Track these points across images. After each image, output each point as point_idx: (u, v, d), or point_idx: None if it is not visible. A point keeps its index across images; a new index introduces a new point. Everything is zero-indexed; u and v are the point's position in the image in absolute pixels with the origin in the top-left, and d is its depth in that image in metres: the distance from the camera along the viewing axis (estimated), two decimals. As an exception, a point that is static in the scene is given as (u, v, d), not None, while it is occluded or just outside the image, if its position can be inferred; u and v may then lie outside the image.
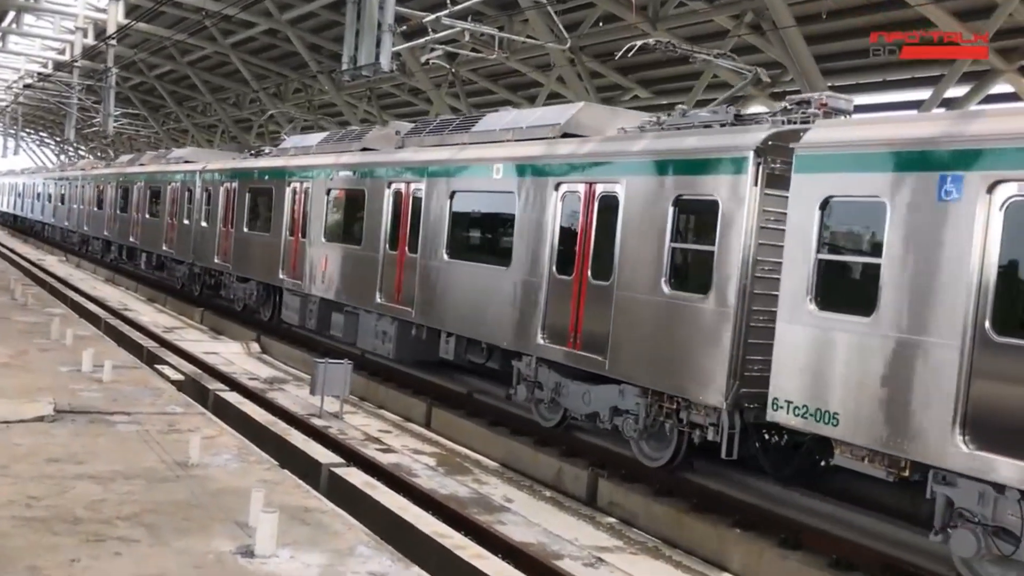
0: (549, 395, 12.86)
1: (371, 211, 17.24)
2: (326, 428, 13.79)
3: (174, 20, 34.73)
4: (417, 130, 17.45)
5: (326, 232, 19.09)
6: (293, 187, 20.70)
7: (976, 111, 12.77)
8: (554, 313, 12.54)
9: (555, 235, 12.67)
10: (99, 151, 67.48)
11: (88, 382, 10.99)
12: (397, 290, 16.25)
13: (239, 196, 23.85)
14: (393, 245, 16.55)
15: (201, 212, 26.49)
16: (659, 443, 11.49)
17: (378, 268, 16.75)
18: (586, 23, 22.91)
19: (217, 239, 25.10)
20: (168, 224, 29.74)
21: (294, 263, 20.36)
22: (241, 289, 24.23)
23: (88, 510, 6.57)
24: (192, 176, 27.71)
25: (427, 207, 15.49)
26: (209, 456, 8.19)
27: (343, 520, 7.05)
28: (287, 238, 20.75)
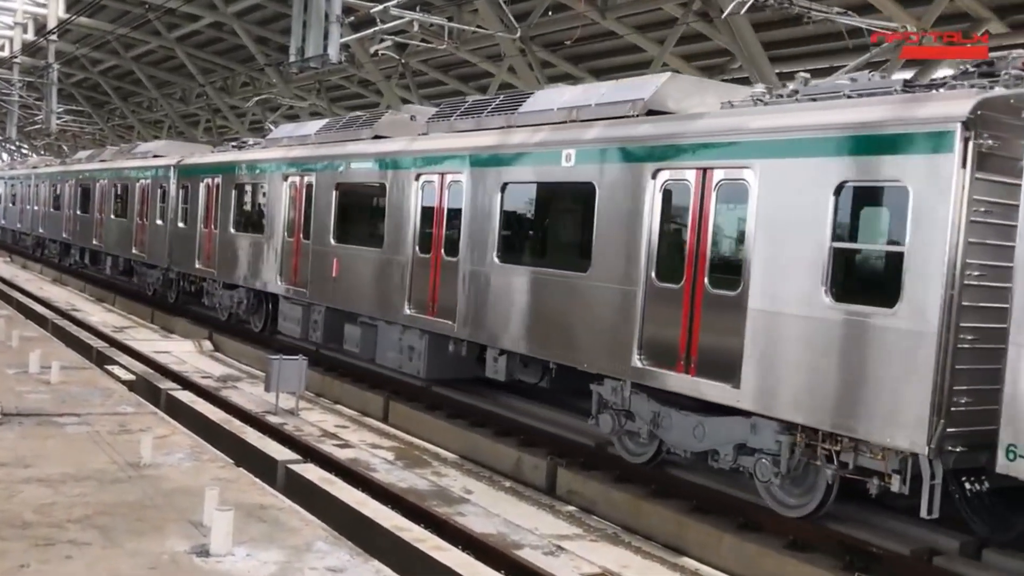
0: (644, 427, 10.81)
1: (394, 208, 14.97)
2: (282, 425, 13.66)
3: (117, 14, 34.08)
4: (444, 113, 15.16)
5: (336, 233, 16.76)
6: (292, 182, 18.35)
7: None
8: (655, 330, 10.29)
9: (652, 233, 10.41)
10: (43, 149, 66.07)
11: (35, 384, 10.76)
12: (432, 300, 14.04)
13: (224, 193, 21.35)
14: (425, 248, 14.30)
15: (178, 212, 24.05)
16: (800, 488, 9.36)
17: (405, 275, 14.56)
18: (535, 12, 22.87)
19: (198, 242, 22.64)
20: (138, 225, 27.10)
21: (295, 268, 18.06)
22: (227, 297, 21.64)
23: (37, 514, 6.42)
24: (166, 171, 25.07)
25: (471, 202, 13.24)
26: (162, 456, 8.05)
27: (300, 516, 6.97)
28: (285, 240, 18.45)
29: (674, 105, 11.21)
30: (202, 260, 22.51)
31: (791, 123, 9.22)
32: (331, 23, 14.77)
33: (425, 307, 14.21)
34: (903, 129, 8.30)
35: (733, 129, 9.74)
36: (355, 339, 16.21)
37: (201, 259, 22.55)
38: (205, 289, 22.99)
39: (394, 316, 14.96)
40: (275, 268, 18.73)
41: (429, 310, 14.11)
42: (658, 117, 10.99)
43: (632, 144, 10.81)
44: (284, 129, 21.28)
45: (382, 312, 15.31)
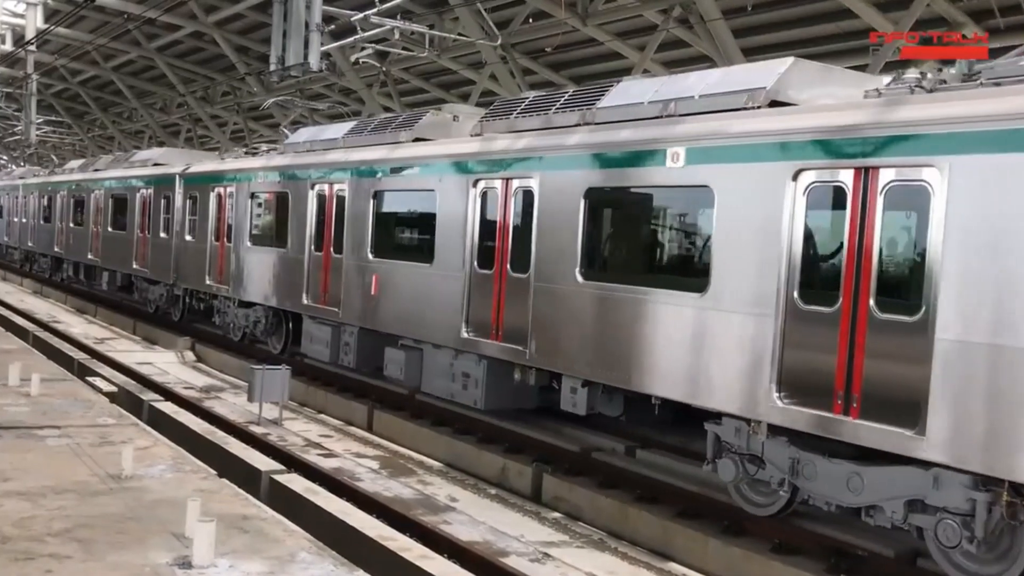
0: (778, 475, 9.06)
1: (447, 218, 13.36)
2: (265, 435, 13.59)
3: (96, 24, 33.88)
4: (501, 111, 13.50)
5: (375, 246, 15.21)
6: (319, 191, 16.77)
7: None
8: (800, 363, 8.58)
9: (795, 245, 8.69)
10: (23, 160, 65.62)
11: (15, 396, 10.64)
12: (496, 322, 12.47)
13: (239, 203, 19.74)
14: (486, 262, 12.73)
15: (184, 224, 22.45)
16: (993, 554, 7.76)
17: (461, 293, 13.01)
18: (516, 20, 22.92)
19: (209, 256, 20.99)
20: (139, 238, 25.38)
21: (324, 285, 16.42)
22: (242, 316, 20.11)
23: (16, 528, 6.34)
24: (170, 180, 23.41)
25: (545, 210, 11.63)
26: (143, 467, 7.98)
27: (283, 527, 6.92)
28: (312, 254, 16.83)
29: (797, 95, 9.62)
30: (213, 276, 20.85)
31: (1010, 110, 7.32)
32: (311, 32, 14.79)
33: (487, 330, 12.61)
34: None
35: (920, 120, 7.95)
36: (398, 364, 14.48)
37: (212, 275, 20.91)
38: (216, 307, 21.46)
39: (446, 339, 13.37)
40: (300, 285, 17.11)
41: (492, 333, 12.49)
42: (791, 108, 9.42)
43: (765, 140, 9.07)
44: (304, 133, 19.55)
45: (431, 335, 13.70)
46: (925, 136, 7.87)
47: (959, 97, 8.00)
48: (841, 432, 8.26)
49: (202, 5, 29.53)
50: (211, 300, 21.85)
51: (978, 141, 7.50)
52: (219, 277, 20.57)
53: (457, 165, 13.38)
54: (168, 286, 24.02)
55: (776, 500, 9.26)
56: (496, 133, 13.20)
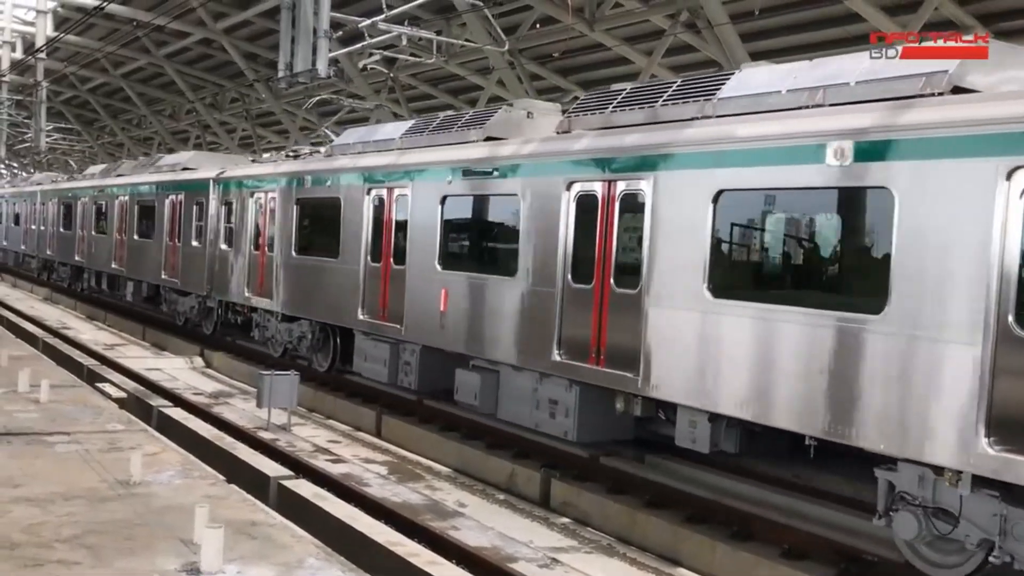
0: (977, 535, 7.63)
1: (535, 225, 11.91)
2: (274, 441, 13.60)
3: (106, 32, 34.05)
4: (590, 106, 11.96)
5: (445, 258, 13.78)
6: (377, 195, 15.30)
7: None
8: (1018, 400, 7.14)
9: (1009, 258, 7.26)
10: (32, 167, 65.91)
11: (25, 403, 10.69)
12: (597, 345, 10.90)
13: (282, 210, 18.36)
14: (583, 276, 11.15)
15: (220, 232, 21.08)
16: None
17: (552, 311, 11.44)
18: (524, 26, 22.96)
19: (248, 267, 19.57)
20: (168, 247, 23.99)
21: (384, 299, 14.98)
22: (285, 331, 18.72)
23: (26, 534, 6.36)
24: (204, 186, 21.93)
25: (659, 217, 10.13)
26: (152, 473, 8.01)
27: (291, 532, 6.93)
28: (369, 266, 15.40)
29: (983, 80, 8.34)
30: (253, 288, 19.40)
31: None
32: (319, 38, 14.78)
33: (584, 352, 11.08)
34: None
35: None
36: (471, 388, 13.07)
37: (252, 287, 19.46)
38: (255, 321, 19.99)
39: (531, 362, 11.97)
40: (354, 299, 15.65)
41: (591, 357, 11.00)
42: (985, 95, 8.10)
43: (969, 133, 7.58)
44: (353, 134, 18.00)
45: (512, 356, 12.29)
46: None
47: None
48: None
49: (211, 12, 29.64)
50: (249, 313, 20.43)
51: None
52: (259, 289, 19.13)
53: (546, 166, 11.88)
54: (201, 298, 22.66)
55: (968, 560, 7.89)
56: (587, 130, 11.70)
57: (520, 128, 13.75)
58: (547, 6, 21.50)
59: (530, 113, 13.99)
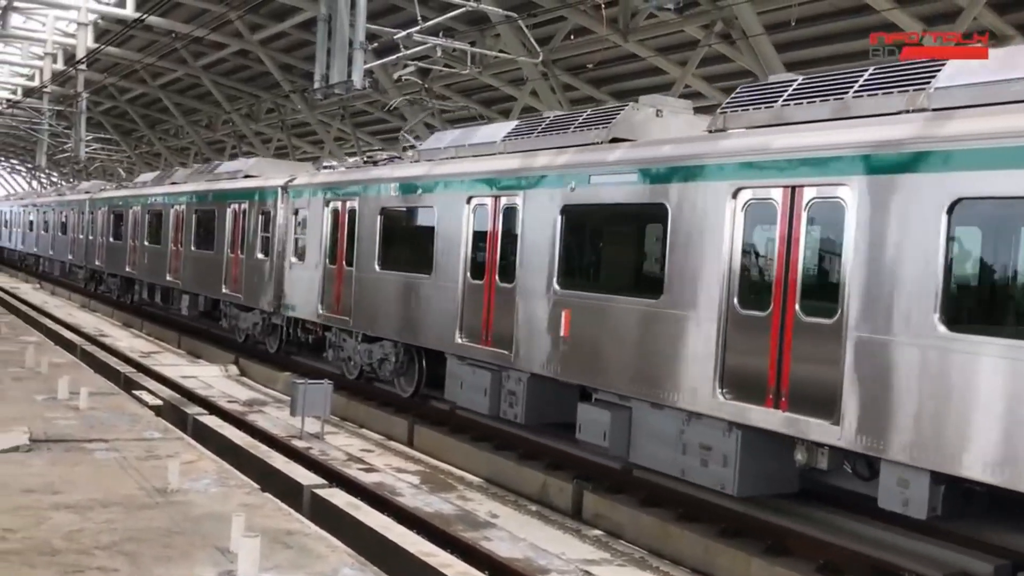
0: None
1: (684, 238, 10.31)
2: (307, 449, 13.67)
3: (144, 43, 34.58)
4: (751, 100, 10.42)
5: (567, 275, 12.20)
6: (478, 204, 13.85)
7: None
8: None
9: None
10: (71, 176, 66.93)
11: (64, 410, 10.83)
12: (776, 384, 9.18)
13: (364, 221, 16.80)
14: (756, 301, 9.54)
15: (289, 243, 19.76)
16: None
17: (709, 340, 9.81)
18: (557, 37, 23.01)
19: (322, 283, 18.18)
20: (230, 259, 22.65)
21: (487, 322, 13.49)
22: (364, 352, 17.23)
23: (66, 540, 6.44)
24: (270, 195, 20.72)
25: (872, 230, 8.44)
26: (189, 481, 8.08)
27: (326, 542, 6.96)
28: (469, 283, 13.89)
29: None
30: (328, 305, 18.02)
31: None
32: (355, 50, 14.90)
33: (757, 392, 9.38)
34: None
35: None
36: (598, 427, 11.32)
37: (326, 304, 18.07)
38: (329, 341, 18.65)
39: (678, 399, 10.24)
40: (450, 320, 14.18)
41: (768, 398, 9.27)
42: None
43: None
44: (444, 137, 16.43)
45: (652, 392, 10.57)
46: None
47: None
48: None
49: (247, 24, 30.00)
50: (322, 333, 19.04)
51: None
52: (335, 307, 17.71)
53: (704, 170, 10.20)
54: (266, 314, 21.23)
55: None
56: (749, 128, 10.21)
57: (649, 128, 12.26)
58: (581, 17, 21.54)
59: (659, 111, 12.56)
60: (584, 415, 11.65)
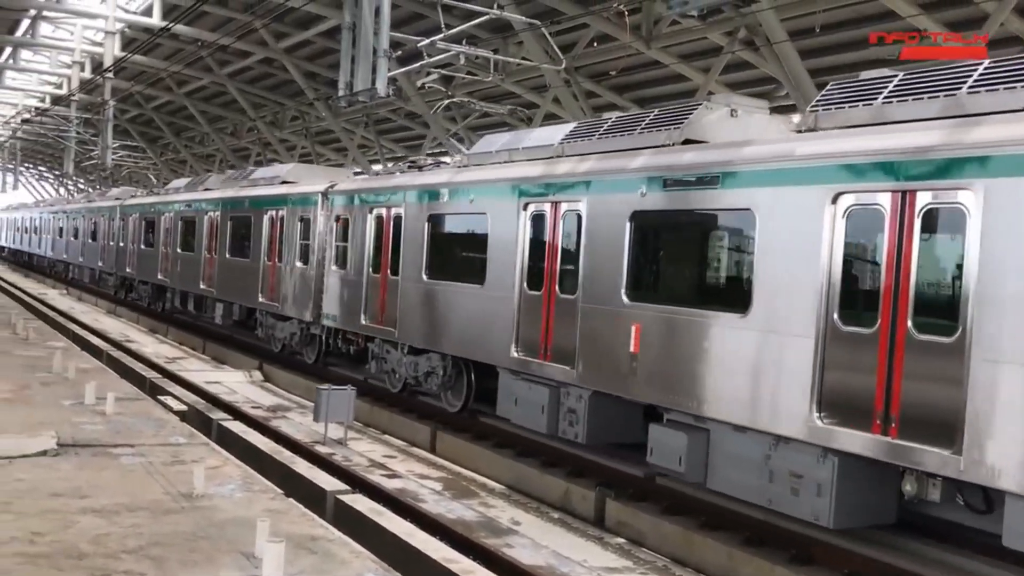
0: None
1: (770, 248, 9.49)
2: (331, 455, 13.73)
3: (171, 51, 34.94)
4: (845, 97, 9.63)
5: (638, 286, 11.40)
6: (537, 211, 13.02)
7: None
8: None
9: None
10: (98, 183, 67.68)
11: (91, 415, 10.95)
12: (885, 407, 8.32)
13: (411, 228, 16.09)
14: (861, 318, 8.68)
15: (331, 251, 19.08)
16: None
17: (810, 359, 8.91)
18: (580, 44, 23.04)
19: (365, 292, 17.50)
20: (267, 267, 22.10)
21: (546, 335, 12.64)
22: (409, 365, 16.40)
23: (93, 544, 6.51)
24: (309, 201, 20.21)
25: (995, 237, 7.65)
26: (214, 487, 8.14)
27: (350, 548, 6.99)
28: (526, 294, 13.10)
29: None
30: (371, 315, 17.27)
31: None
32: (379, 57, 14.98)
33: (861, 418, 8.46)
34: None
35: None
36: (674, 450, 10.42)
37: (370, 314, 17.34)
38: (372, 352, 17.84)
39: (766, 422, 9.34)
40: (505, 332, 13.36)
41: (875, 424, 8.34)
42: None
43: None
44: (495, 140, 15.68)
45: (736, 414, 9.72)
46: None
47: None
48: None
49: (272, 32, 30.22)
50: (364, 344, 18.35)
51: None
52: (380, 317, 16.94)
53: (797, 173, 9.31)
54: (304, 324, 20.58)
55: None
56: (841, 127, 9.42)
57: (723, 128, 11.47)
58: (604, 24, 21.55)
59: (734, 110, 11.76)
60: (657, 438, 10.74)
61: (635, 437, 11.69)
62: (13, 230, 67.24)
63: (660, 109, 12.41)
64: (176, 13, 29.21)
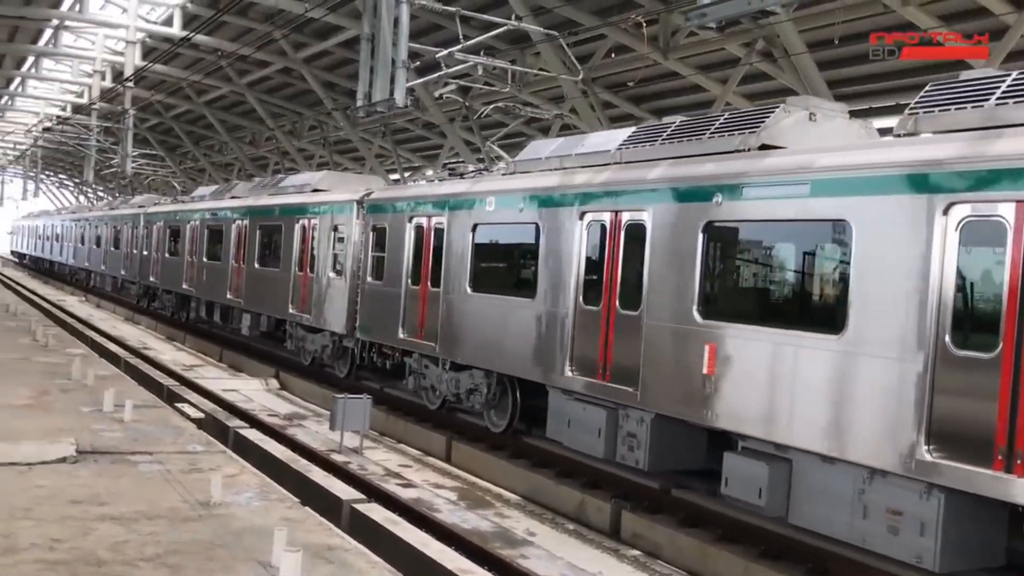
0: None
1: (878, 263, 8.65)
2: (346, 464, 13.75)
3: (190, 61, 35.24)
4: (946, 99, 8.97)
5: (711, 302, 10.59)
6: (595, 221, 12.24)
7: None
8: None
9: None
10: (117, 191, 68.17)
11: (110, 422, 11.02)
12: (1010, 439, 7.52)
13: (454, 239, 15.24)
14: (974, 339, 7.96)
15: (366, 262, 18.36)
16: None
17: (917, 385, 8.14)
18: (597, 55, 23.08)
19: (403, 304, 16.67)
20: (298, 278, 21.51)
21: (605, 353, 11.83)
22: (450, 381, 15.66)
23: (111, 551, 6.55)
24: (343, 209, 19.61)
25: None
26: (231, 495, 8.17)
27: (366, 558, 7.00)
28: (581, 308, 12.28)
29: None
30: (410, 329, 16.54)
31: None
32: (398, 68, 15.07)
33: (980, 452, 7.67)
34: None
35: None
36: (752, 482, 9.63)
37: (408, 327, 16.60)
38: (410, 367, 17.04)
39: (859, 453, 8.62)
40: (558, 349, 12.60)
41: (999, 461, 7.54)
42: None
43: None
44: (542, 147, 14.85)
45: (824, 443, 8.91)
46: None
47: None
48: None
49: (291, 42, 30.43)
50: (401, 358, 17.57)
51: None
52: (419, 331, 16.21)
53: (898, 181, 8.54)
54: (336, 336, 19.97)
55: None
56: (946, 131, 8.73)
57: (801, 132, 10.84)
58: (622, 35, 21.60)
59: (813, 114, 11.03)
60: (733, 468, 9.91)
61: (699, 464, 11.16)
62: (35, 237, 67.40)
63: (730, 112, 11.68)
64: (196, 23, 29.48)
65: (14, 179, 79.66)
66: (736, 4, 10.80)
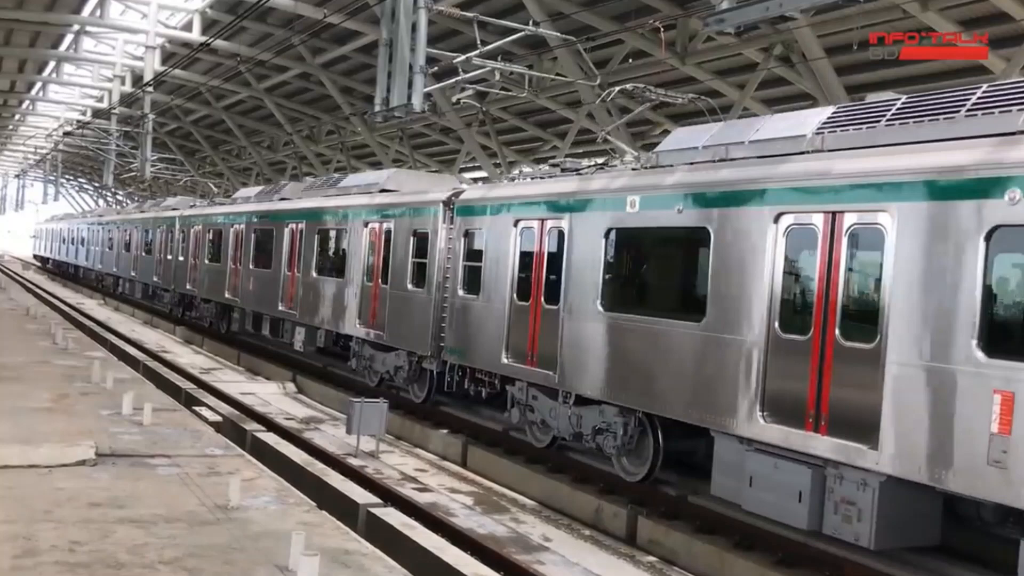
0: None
1: None
2: (363, 468, 13.80)
3: (209, 66, 35.47)
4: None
5: (1012, 338, 7.92)
6: (798, 226, 9.67)
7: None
8: None
9: None
10: (135, 195, 68.58)
11: (128, 425, 11.08)
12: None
13: (580, 246, 12.80)
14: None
15: (456, 272, 15.82)
16: None
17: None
18: (615, 60, 23.07)
19: (507, 324, 14.28)
20: (366, 289, 19.17)
21: (816, 392, 9.17)
22: (572, 418, 13.10)
23: (130, 554, 6.59)
24: (425, 211, 17.22)
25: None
26: (249, 498, 8.21)
27: (383, 563, 7.02)
28: (776, 337, 9.72)
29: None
30: (516, 354, 14.11)
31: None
32: (415, 73, 15.08)
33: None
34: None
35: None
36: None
37: (513, 352, 14.18)
38: (513, 398, 14.45)
39: None
40: (738, 387, 10.01)
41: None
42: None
43: None
44: (698, 135, 12.09)
45: None
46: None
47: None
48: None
49: (310, 48, 30.56)
50: (501, 386, 15.04)
51: None
52: (530, 356, 13.76)
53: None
54: (415, 357, 17.51)
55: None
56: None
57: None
58: (639, 41, 21.58)
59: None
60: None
61: (934, 540, 9.03)
62: (59, 241, 65.58)
63: (989, 85, 9.03)
64: (215, 28, 29.64)
65: (34, 183, 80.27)
66: (755, 9, 10.79)
